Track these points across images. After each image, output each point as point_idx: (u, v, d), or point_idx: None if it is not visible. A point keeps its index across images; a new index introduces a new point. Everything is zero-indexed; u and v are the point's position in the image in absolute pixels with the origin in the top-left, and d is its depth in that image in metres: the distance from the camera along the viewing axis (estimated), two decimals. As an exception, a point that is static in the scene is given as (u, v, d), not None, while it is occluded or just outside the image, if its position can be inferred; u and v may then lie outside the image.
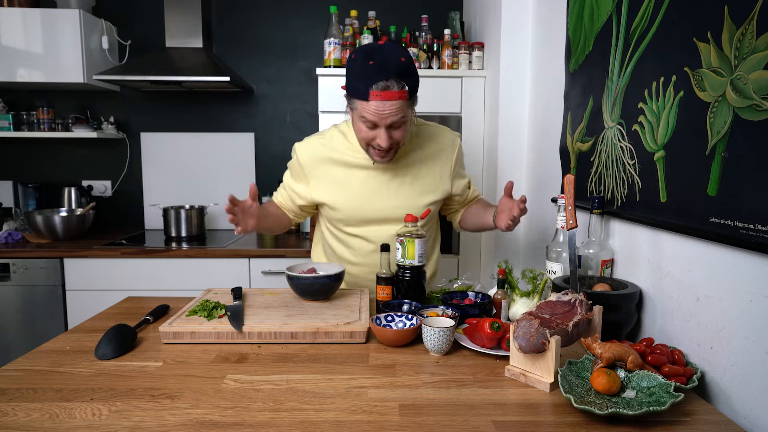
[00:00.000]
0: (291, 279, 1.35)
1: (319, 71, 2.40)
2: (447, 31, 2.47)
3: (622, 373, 0.94)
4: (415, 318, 1.19)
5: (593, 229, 1.35)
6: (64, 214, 2.70)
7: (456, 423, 0.83)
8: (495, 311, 1.29)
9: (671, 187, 1.09)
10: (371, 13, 2.49)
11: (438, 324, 1.12)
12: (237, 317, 1.20)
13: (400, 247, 1.36)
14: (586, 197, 1.48)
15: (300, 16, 2.96)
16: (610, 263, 1.34)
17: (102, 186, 3.02)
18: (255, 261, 2.48)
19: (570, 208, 1.19)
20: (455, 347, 1.14)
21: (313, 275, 1.34)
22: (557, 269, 1.39)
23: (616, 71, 1.34)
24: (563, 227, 1.38)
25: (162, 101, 3.00)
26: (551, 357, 0.94)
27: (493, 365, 1.06)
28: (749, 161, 0.87)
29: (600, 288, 1.21)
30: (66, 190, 2.86)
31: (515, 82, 2.15)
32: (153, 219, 3.00)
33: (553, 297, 1.09)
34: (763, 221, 0.84)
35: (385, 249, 1.35)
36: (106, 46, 2.74)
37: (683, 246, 1.08)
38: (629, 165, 1.26)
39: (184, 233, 2.70)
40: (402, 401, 0.91)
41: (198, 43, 2.75)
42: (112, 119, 2.93)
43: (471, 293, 1.35)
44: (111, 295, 2.12)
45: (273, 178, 3.03)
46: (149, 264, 2.45)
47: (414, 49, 2.44)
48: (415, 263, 1.36)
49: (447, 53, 2.45)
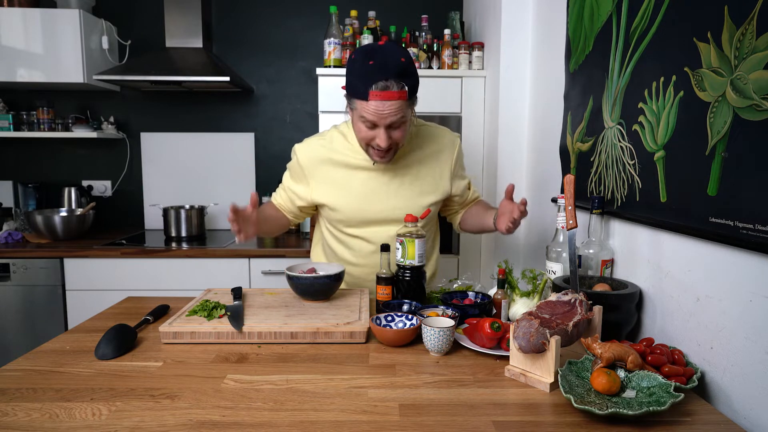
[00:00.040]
0: (291, 279, 1.35)
1: (319, 71, 2.40)
2: (447, 31, 2.47)
3: (622, 373, 0.94)
4: (415, 318, 1.19)
5: (593, 229, 1.35)
6: (64, 214, 2.70)
7: (456, 423, 0.83)
8: (495, 311, 1.29)
9: (671, 187, 1.09)
10: (371, 13, 2.49)
11: (438, 324, 1.12)
12: (237, 317, 1.20)
13: (400, 247, 1.36)
14: (586, 197, 1.48)
15: (300, 16, 2.96)
16: (610, 263, 1.34)
17: (102, 186, 3.02)
18: (255, 261, 2.48)
19: (570, 208, 1.19)
20: (455, 347, 1.14)
21: (313, 275, 1.34)
22: (557, 269, 1.39)
23: (616, 71, 1.34)
24: (563, 227, 1.38)
25: (162, 101, 3.00)
26: (551, 357, 0.94)
27: (493, 365, 1.06)
28: (749, 161, 0.87)
29: (600, 288, 1.21)
30: (66, 190, 2.86)
31: (515, 82, 2.15)
32: (153, 219, 3.00)
33: (553, 297, 1.09)
34: (763, 221, 0.84)
35: (385, 249, 1.35)
36: (106, 46, 2.74)
37: (683, 246, 1.08)
38: (629, 165, 1.26)
39: (184, 233, 2.70)
40: (402, 401, 0.91)
41: (198, 43, 2.75)
42: (112, 119, 2.93)
43: (471, 293, 1.35)
44: (111, 295, 2.12)
45: (273, 178, 3.03)
46: (149, 264, 2.45)
47: (414, 49, 2.44)
48: (415, 263, 1.36)
49: (447, 53, 2.45)
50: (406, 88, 1.27)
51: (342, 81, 1.38)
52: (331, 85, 2.40)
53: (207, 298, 1.37)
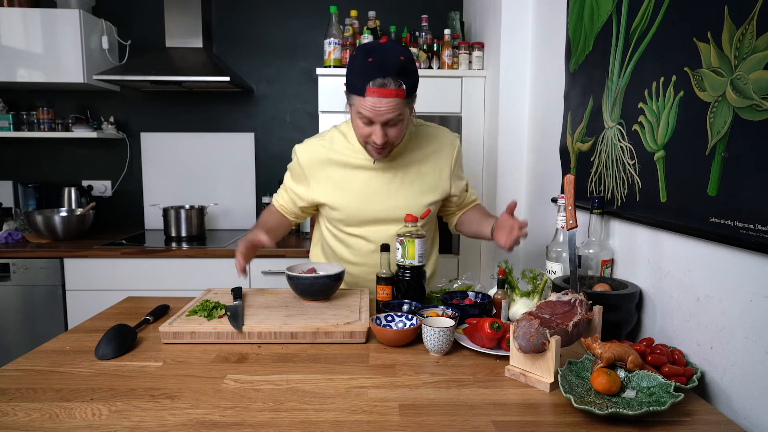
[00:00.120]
0: (291, 279, 1.35)
1: (319, 71, 2.40)
2: (447, 31, 2.47)
3: (622, 373, 0.94)
4: (415, 318, 1.19)
5: (593, 229, 1.35)
6: (64, 214, 2.70)
7: (456, 423, 0.83)
8: (495, 311, 1.29)
9: (671, 187, 1.09)
10: (371, 13, 2.49)
11: (438, 324, 1.12)
12: (237, 317, 1.20)
13: (400, 247, 1.36)
14: (586, 197, 1.48)
15: (300, 16, 2.96)
16: (610, 263, 1.34)
17: (102, 186, 3.02)
18: (255, 261, 2.47)
19: (570, 208, 1.19)
20: (455, 347, 1.14)
21: (313, 275, 1.34)
22: (557, 269, 1.39)
23: (616, 71, 1.34)
24: (563, 227, 1.38)
25: (162, 101, 3.00)
26: (551, 357, 0.94)
27: (493, 365, 1.06)
28: (749, 161, 0.87)
29: (600, 288, 1.21)
30: (66, 190, 2.86)
31: (515, 82, 2.15)
32: (153, 219, 3.00)
33: (553, 297, 1.09)
34: (763, 221, 0.84)
35: (385, 249, 1.35)
36: (106, 46, 2.74)
37: (683, 246, 1.08)
38: (629, 165, 1.26)
39: (184, 233, 2.70)
40: (402, 401, 0.91)
41: (198, 43, 2.75)
42: (112, 119, 2.93)
43: (471, 293, 1.35)
44: (111, 295, 2.12)
45: (273, 178, 3.03)
46: (149, 264, 2.45)
47: (414, 49, 2.44)
48: (415, 263, 1.36)
49: (447, 53, 2.45)
50: (403, 86, 1.28)
51: (342, 81, 1.39)
52: (331, 85, 2.40)
53: (207, 298, 1.37)
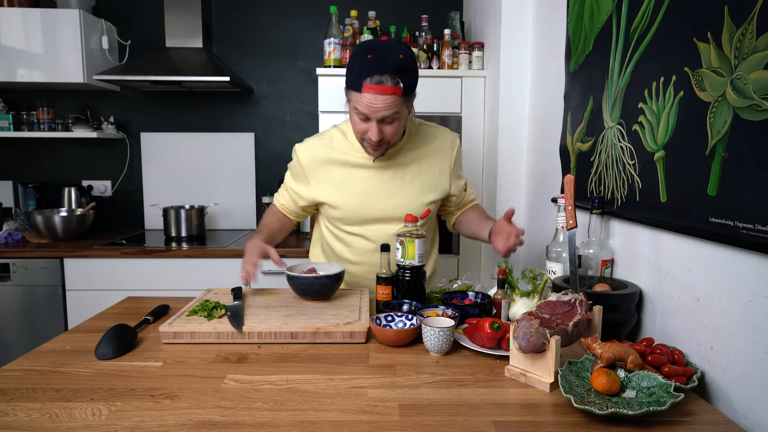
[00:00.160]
0: (291, 279, 1.35)
1: (319, 71, 2.40)
2: (447, 31, 2.47)
3: (622, 373, 0.94)
4: (415, 318, 1.19)
5: (593, 229, 1.35)
6: (64, 214, 2.70)
7: (456, 423, 0.83)
8: (495, 311, 1.29)
9: (671, 187, 1.09)
10: (371, 13, 2.49)
11: (438, 324, 1.12)
12: (237, 317, 1.20)
13: (400, 247, 1.36)
14: (586, 197, 1.48)
15: (300, 16, 2.96)
16: (610, 263, 1.34)
17: (102, 186, 3.02)
18: (255, 261, 2.47)
19: (570, 208, 1.19)
20: (455, 347, 1.14)
21: (313, 275, 1.34)
22: (557, 269, 1.39)
23: (616, 71, 1.34)
24: (563, 227, 1.38)
25: (162, 101, 3.00)
26: (551, 357, 0.94)
27: (493, 365, 1.06)
28: (749, 161, 0.87)
29: (600, 288, 1.21)
30: (66, 190, 2.86)
31: (515, 82, 2.15)
32: (153, 219, 3.00)
33: (553, 297, 1.09)
34: (763, 221, 0.84)
35: (385, 249, 1.35)
36: (106, 46, 2.74)
37: (683, 246, 1.08)
38: (629, 165, 1.26)
39: (184, 233, 2.70)
40: (402, 401, 0.91)
41: (198, 43, 2.75)
42: (112, 119, 2.93)
43: (471, 293, 1.35)
44: (111, 295, 2.12)
45: (273, 178, 3.03)
46: (149, 264, 2.45)
47: (414, 49, 2.44)
48: (415, 263, 1.36)
49: (447, 53, 2.44)
50: (401, 84, 1.27)
51: (342, 81, 1.39)
52: (331, 85, 2.40)
53: (207, 298, 1.37)
